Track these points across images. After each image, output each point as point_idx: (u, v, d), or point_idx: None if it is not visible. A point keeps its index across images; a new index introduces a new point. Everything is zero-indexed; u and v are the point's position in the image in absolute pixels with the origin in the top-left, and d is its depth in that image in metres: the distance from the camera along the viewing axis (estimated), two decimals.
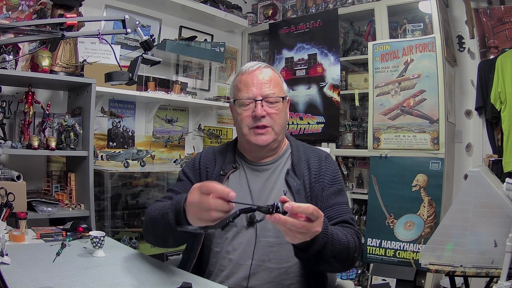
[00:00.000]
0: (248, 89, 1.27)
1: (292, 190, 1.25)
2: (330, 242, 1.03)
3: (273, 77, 1.30)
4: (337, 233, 1.08)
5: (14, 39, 1.56)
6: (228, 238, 1.24)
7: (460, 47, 3.00)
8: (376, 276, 2.67)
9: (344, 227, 1.19)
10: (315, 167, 1.30)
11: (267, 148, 1.30)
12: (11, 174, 1.94)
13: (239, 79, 1.31)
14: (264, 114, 1.24)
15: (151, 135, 3.03)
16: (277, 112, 1.27)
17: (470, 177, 1.75)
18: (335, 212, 1.23)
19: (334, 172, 1.32)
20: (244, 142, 1.33)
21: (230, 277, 1.21)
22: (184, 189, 1.31)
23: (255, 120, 1.25)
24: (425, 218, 2.59)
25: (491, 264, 1.67)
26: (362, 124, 3.09)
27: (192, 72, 3.29)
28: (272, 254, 1.20)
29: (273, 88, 1.27)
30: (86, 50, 2.37)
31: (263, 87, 1.26)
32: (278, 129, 1.28)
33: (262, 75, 1.28)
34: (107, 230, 2.46)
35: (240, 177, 1.32)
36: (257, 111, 1.24)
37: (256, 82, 1.27)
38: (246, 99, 1.26)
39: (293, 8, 3.53)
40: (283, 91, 1.32)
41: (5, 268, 1.09)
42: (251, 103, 1.26)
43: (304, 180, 1.27)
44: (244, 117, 1.27)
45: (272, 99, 1.26)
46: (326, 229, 1.01)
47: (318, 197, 1.25)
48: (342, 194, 1.29)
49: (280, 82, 1.32)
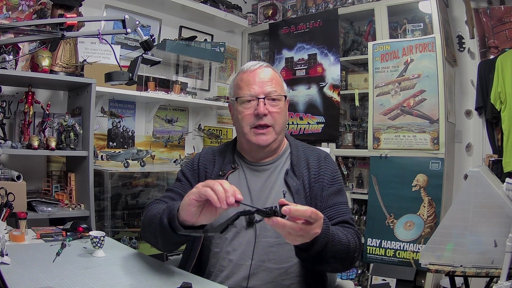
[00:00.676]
0: (250, 87, 1.27)
1: (292, 190, 1.25)
2: (331, 243, 1.03)
3: (274, 76, 1.31)
4: (338, 233, 1.08)
5: (14, 39, 1.56)
6: (227, 238, 1.24)
7: (460, 47, 3.00)
8: (376, 276, 2.67)
9: (344, 227, 1.19)
10: (314, 167, 1.30)
11: (267, 148, 1.30)
12: (11, 174, 1.94)
13: (240, 78, 1.31)
14: (266, 112, 1.25)
15: (151, 135, 3.03)
16: (278, 111, 1.27)
17: (470, 177, 1.75)
18: (335, 212, 1.23)
19: (334, 172, 1.32)
20: (244, 142, 1.33)
21: (230, 277, 1.20)
22: (182, 190, 1.31)
23: (257, 119, 1.25)
24: (425, 218, 2.59)
25: (491, 264, 1.67)
26: (362, 124, 3.09)
27: (192, 72, 3.29)
28: (272, 254, 1.20)
29: (275, 86, 1.28)
30: (86, 50, 2.37)
31: (265, 85, 1.27)
32: (278, 129, 1.28)
33: (263, 73, 1.29)
34: (107, 230, 2.45)
35: (239, 178, 1.31)
36: (259, 109, 1.24)
37: (258, 80, 1.27)
38: (248, 96, 1.27)
39: (293, 8, 3.53)
40: (283, 90, 1.33)
41: (5, 268, 1.09)
42: (253, 101, 1.26)
43: (304, 180, 1.27)
44: (245, 115, 1.27)
45: (275, 96, 1.27)
46: (327, 229, 1.01)
47: (318, 197, 1.25)
48: (341, 194, 1.29)
49: (280, 81, 1.33)
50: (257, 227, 1.22)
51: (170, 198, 1.30)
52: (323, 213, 1.21)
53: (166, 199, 1.30)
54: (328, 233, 1.01)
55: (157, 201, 1.30)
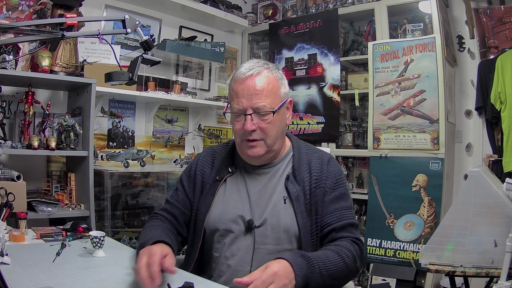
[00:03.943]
0: (239, 100, 1.20)
1: (291, 196, 1.22)
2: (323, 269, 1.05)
3: (266, 85, 1.20)
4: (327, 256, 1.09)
5: (14, 39, 1.56)
6: (226, 243, 1.23)
7: (460, 47, 3.00)
8: (376, 276, 2.67)
9: (341, 237, 1.18)
10: (316, 171, 1.26)
11: (260, 159, 1.26)
12: (11, 174, 1.94)
13: (232, 87, 1.25)
14: (254, 129, 1.19)
15: (151, 135, 3.03)
16: (268, 125, 1.20)
17: (470, 177, 1.75)
18: (335, 218, 1.20)
19: (337, 176, 1.27)
20: (239, 150, 1.31)
21: (228, 282, 1.19)
22: (177, 201, 1.33)
23: (246, 134, 1.21)
24: (425, 218, 2.59)
25: (491, 264, 1.67)
26: (362, 124, 3.09)
27: (192, 72, 3.29)
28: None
29: (265, 98, 1.19)
30: (86, 50, 2.37)
31: (253, 98, 1.18)
32: (270, 142, 1.22)
33: (253, 84, 1.20)
34: (107, 230, 2.45)
35: (238, 181, 1.29)
36: (246, 126, 1.18)
37: (246, 93, 1.19)
38: (236, 111, 1.21)
39: (293, 8, 3.53)
40: (278, 98, 1.23)
41: (5, 268, 1.09)
42: (241, 115, 1.21)
43: (304, 185, 1.24)
44: (236, 128, 1.24)
45: (263, 112, 1.19)
46: (311, 262, 1.04)
47: (319, 202, 1.22)
48: (345, 198, 1.25)
49: (275, 89, 1.23)
50: (255, 232, 1.20)
51: (167, 211, 1.32)
52: (324, 219, 1.21)
53: (164, 212, 1.32)
54: (313, 266, 1.03)
55: (155, 216, 1.33)
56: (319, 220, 1.21)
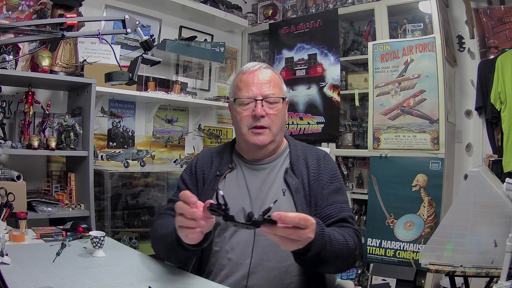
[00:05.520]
0: (249, 89, 1.28)
1: (291, 189, 1.25)
2: (328, 243, 1.03)
3: (273, 77, 1.31)
4: (334, 234, 1.09)
5: (14, 39, 1.56)
6: (226, 237, 1.24)
7: (460, 47, 3.00)
8: (376, 276, 2.67)
9: (343, 226, 1.19)
10: (313, 166, 1.30)
11: (264, 149, 1.30)
12: (11, 174, 1.94)
13: (239, 79, 1.32)
14: (264, 114, 1.26)
15: (151, 135, 3.03)
16: (276, 113, 1.28)
17: (470, 177, 1.75)
18: (335, 210, 1.23)
19: (333, 171, 1.32)
20: (242, 142, 1.33)
21: (230, 276, 1.20)
22: None
23: (254, 120, 1.26)
24: (425, 218, 2.59)
25: (491, 264, 1.67)
26: (362, 124, 3.09)
27: (192, 72, 3.29)
28: (272, 254, 1.20)
29: (273, 88, 1.29)
30: (86, 50, 2.37)
31: (263, 87, 1.28)
32: (275, 130, 1.29)
33: (262, 75, 1.29)
34: (107, 230, 2.45)
35: (237, 177, 1.32)
36: (257, 111, 1.25)
37: (256, 82, 1.28)
38: (246, 98, 1.28)
39: (293, 8, 3.53)
40: (282, 92, 1.33)
41: (5, 268, 1.09)
42: (251, 103, 1.27)
43: (303, 179, 1.28)
44: (243, 116, 1.28)
45: (272, 99, 1.27)
46: (323, 231, 1.01)
47: (318, 195, 1.26)
48: (341, 193, 1.30)
49: (280, 83, 1.34)
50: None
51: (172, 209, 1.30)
52: (323, 211, 1.23)
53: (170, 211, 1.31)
54: (323, 235, 1.01)
55: (162, 216, 1.32)
56: (318, 212, 1.23)
